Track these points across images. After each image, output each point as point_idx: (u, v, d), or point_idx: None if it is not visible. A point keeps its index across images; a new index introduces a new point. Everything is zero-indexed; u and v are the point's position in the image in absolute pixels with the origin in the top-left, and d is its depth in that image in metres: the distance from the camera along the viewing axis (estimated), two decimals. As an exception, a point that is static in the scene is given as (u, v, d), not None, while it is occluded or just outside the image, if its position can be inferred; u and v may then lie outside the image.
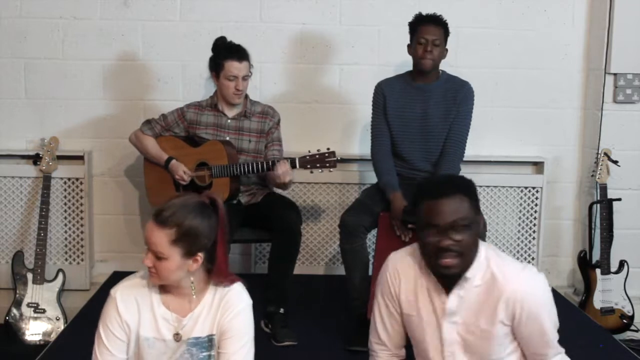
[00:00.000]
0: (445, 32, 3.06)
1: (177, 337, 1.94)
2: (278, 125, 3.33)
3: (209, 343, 1.96)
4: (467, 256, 1.92)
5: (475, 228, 1.92)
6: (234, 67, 3.15)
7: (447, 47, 3.11)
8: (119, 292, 1.94)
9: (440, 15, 3.06)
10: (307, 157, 3.02)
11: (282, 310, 3.06)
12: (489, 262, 1.97)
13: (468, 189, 1.96)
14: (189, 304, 1.95)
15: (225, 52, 3.19)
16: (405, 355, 2.19)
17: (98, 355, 1.92)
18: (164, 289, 1.96)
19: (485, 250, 2.00)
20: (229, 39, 3.26)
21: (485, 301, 1.96)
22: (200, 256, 1.90)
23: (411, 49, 3.10)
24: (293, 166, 3.04)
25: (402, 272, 2.07)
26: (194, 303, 1.96)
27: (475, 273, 1.96)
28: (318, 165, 3.00)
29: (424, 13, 3.07)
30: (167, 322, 1.94)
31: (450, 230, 1.88)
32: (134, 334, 1.93)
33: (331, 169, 3.01)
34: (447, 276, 1.95)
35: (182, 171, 3.22)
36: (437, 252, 1.90)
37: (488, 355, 1.99)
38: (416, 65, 3.09)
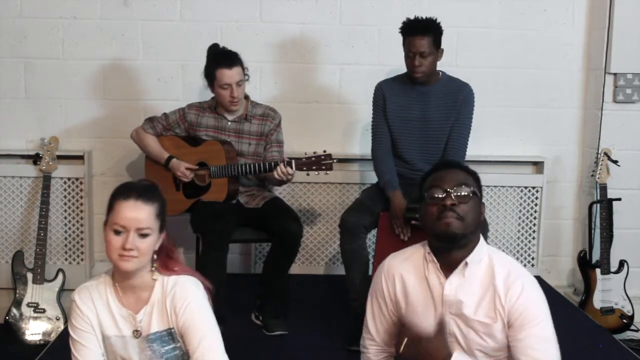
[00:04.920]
0: (435, 38, 2.98)
1: (136, 333, 1.97)
2: (278, 126, 3.31)
3: (169, 337, 1.98)
4: (468, 224, 1.93)
5: (477, 202, 1.97)
6: (225, 75, 3.09)
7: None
8: (76, 294, 2.01)
9: (428, 20, 2.99)
10: (304, 160, 3.00)
11: (273, 303, 3.09)
12: (492, 259, 1.99)
13: (473, 173, 2.05)
14: (142, 298, 1.98)
15: (215, 60, 3.13)
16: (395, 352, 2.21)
17: (77, 354, 1.97)
18: (117, 286, 1.99)
19: (487, 247, 2.02)
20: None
21: (486, 296, 1.95)
22: (165, 232, 1.98)
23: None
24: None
25: (397, 273, 2.08)
26: (146, 297, 1.97)
27: (477, 260, 1.97)
28: (314, 167, 2.98)
29: (412, 17, 3.02)
30: (124, 320, 1.98)
31: (453, 193, 1.93)
32: (99, 333, 1.99)
33: (327, 172, 2.99)
34: (448, 239, 1.93)
35: (184, 168, 3.22)
36: (439, 214, 1.92)
37: (489, 353, 1.97)
38: (409, 74, 3.07)
